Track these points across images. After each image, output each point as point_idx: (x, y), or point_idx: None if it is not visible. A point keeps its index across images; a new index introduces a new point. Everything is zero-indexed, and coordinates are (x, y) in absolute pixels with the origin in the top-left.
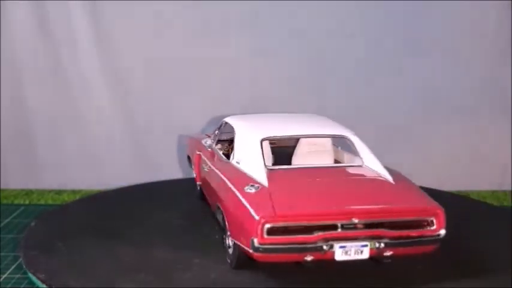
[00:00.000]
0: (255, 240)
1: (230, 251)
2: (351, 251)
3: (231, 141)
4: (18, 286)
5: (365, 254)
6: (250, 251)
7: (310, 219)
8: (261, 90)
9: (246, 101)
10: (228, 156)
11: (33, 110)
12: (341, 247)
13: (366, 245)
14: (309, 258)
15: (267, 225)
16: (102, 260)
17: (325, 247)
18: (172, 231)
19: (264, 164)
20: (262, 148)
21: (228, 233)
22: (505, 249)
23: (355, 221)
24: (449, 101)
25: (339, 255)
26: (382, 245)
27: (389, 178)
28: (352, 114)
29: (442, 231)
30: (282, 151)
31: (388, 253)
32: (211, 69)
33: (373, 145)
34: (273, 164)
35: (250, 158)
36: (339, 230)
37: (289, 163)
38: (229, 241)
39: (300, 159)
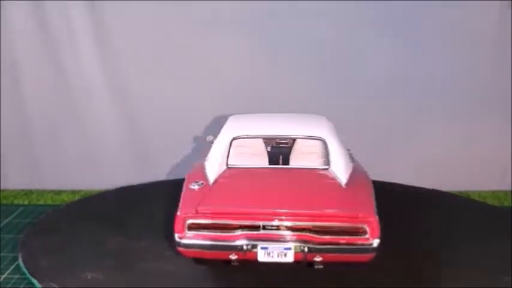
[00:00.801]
0: (176, 235)
1: None
2: (273, 253)
3: None
4: (17, 286)
5: (289, 258)
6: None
7: (231, 217)
8: (261, 90)
9: (247, 101)
10: None
11: (33, 110)
12: (263, 248)
13: (290, 248)
14: (233, 257)
15: (188, 221)
16: (88, 255)
17: (245, 247)
18: (167, 227)
19: (226, 162)
20: (230, 146)
21: None
22: (505, 249)
23: (277, 222)
24: (449, 101)
25: (262, 256)
26: (306, 249)
27: (343, 182)
28: (352, 114)
29: (375, 241)
30: (287, 151)
31: (318, 258)
32: (211, 69)
33: (373, 145)
34: (270, 164)
35: (214, 156)
36: (261, 230)
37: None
38: None
39: (293, 159)
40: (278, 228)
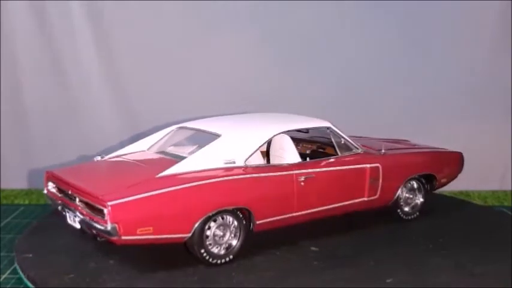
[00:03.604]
0: (45, 188)
1: None
2: (71, 218)
3: None
4: (17, 286)
5: (77, 225)
6: None
7: (57, 183)
8: (262, 90)
9: (247, 101)
10: None
11: (33, 110)
12: (67, 212)
13: (77, 217)
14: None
15: (48, 181)
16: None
17: (59, 207)
18: None
19: (150, 146)
20: (167, 135)
21: None
22: (505, 250)
23: (70, 193)
24: (449, 101)
25: (68, 219)
26: (78, 219)
27: (167, 174)
28: (352, 114)
29: (110, 226)
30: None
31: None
32: (211, 68)
33: None
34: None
35: (145, 139)
36: (67, 198)
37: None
38: None
39: None
40: (72, 198)
